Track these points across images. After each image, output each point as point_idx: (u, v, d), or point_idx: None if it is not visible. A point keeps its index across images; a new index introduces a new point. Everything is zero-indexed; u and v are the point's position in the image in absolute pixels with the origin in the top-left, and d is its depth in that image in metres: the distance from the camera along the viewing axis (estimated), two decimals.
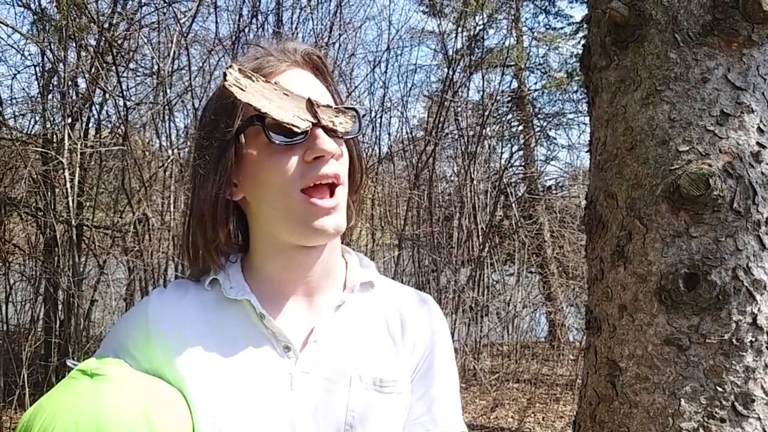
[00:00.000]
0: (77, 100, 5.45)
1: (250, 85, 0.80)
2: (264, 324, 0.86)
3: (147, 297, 0.91)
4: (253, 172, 0.85)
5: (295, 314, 0.90)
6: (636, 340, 1.04)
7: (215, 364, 0.84)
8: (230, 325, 0.87)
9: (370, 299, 0.94)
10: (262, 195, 0.85)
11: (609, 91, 1.18)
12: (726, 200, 1.01)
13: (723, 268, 0.99)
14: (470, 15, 8.16)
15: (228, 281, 0.88)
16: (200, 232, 0.88)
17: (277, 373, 0.85)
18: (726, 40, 1.07)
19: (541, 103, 10.57)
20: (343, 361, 0.87)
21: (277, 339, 0.86)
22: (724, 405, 0.96)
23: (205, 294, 0.89)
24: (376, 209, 7.97)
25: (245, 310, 0.87)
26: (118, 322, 0.92)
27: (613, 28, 1.16)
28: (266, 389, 0.83)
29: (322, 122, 0.83)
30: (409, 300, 0.97)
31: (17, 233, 6.22)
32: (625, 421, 1.03)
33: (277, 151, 0.83)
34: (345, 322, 0.91)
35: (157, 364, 0.84)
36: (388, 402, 0.88)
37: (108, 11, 5.45)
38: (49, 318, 5.46)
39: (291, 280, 0.90)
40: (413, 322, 0.95)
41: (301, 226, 0.84)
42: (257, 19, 6.22)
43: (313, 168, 0.83)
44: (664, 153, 1.07)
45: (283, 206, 0.84)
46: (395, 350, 0.92)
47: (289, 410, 0.83)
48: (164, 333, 0.85)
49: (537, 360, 7.97)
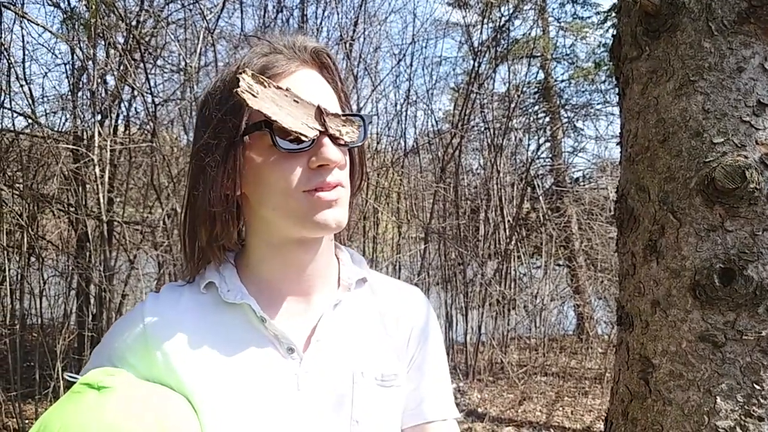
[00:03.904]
0: (106, 98, 5.53)
1: (262, 91, 0.80)
2: (266, 327, 0.86)
3: (141, 303, 0.90)
4: (255, 172, 0.85)
5: (295, 315, 0.90)
6: (669, 337, 1.02)
7: (220, 369, 0.84)
8: (231, 328, 0.87)
9: (365, 295, 0.96)
10: (264, 195, 0.85)
11: (640, 82, 1.16)
12: (763, 193, 0.98)
13: (760, 263, 0.97)
14: (496, 6, 8.08)
15: (224, 284, 0.88)
16: (205, 228, 0.87)
17: (282, 374, 0.86)
18: (763, 28, 1.03)
19: (569, 94, 10.45)
20: (346, 358, 0.90)
21: (279, 341, 0.87)
22: (762, 403, 0.94)
23: (202, 297, 0.89)
24: (402, 203, 7.95)
25: (245, 313, 0.87)
26: (112, 330, 0.90)
27: (644, 18, 1.13)
28: (273, 391, 0.84)
29: (330, 131, 0.84)
30: (399, 294, 1.00)
31: (50, 229, 6.34)
32: (659, 418, 1.01)
33: (282, 156, 0.83)
34: (344, 320, 0.92)
35: (157, 371, 0.83)
36: (390, 395, 0.92)
37: (136, 9, 5.50)
38: (81, 312, 5.55)
39: (288, 279, 0.91)
40: (406, 315, 0.98)
41: (303, 220, 0.84)
42: (282, 14, 6.24)
43: (317, 175, 0.84)
44: (698, 145, 1.04)
45: (285, 206, 0.84)
46: (392, 344, 0.95)
47: (298, 410, 0.85)
48: (164, 339, 0.85)
49: (565, 353, 7.91)
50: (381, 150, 8.02)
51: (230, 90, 0.82)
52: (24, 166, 5.30)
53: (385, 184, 7.46)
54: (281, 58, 0.86)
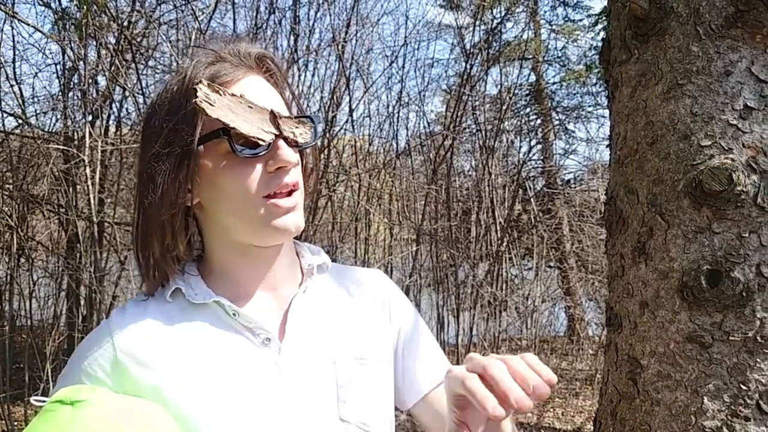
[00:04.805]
0: (98, 98, 5.51)
1: (218, 100, 0.81)
2: (239, 321, 0.87)
3: (106, 320, 0.89)
4: (212, 180, 0.85)
5: (265, 307, 0.92)
6: (658, 338, 1.03)
7: (198, 370, 0.84)
8: (202, 329, 0.87)
9: (329, 280, 0.99)
10: (221, 202, 0.86)
11: (629, 86, 1.17)
12: (749, 195, 0.99)
13: (747, 265, 0.98)
14: (488, 8, 8.10)
15: (191, 289, 0.88)
16: (158, 240, 0.87)
17: (262, 364, 0.87)
18: (750, 32, 1.05)
19: (560, 96, 10.49)
20: (323, 341, 0.92)
21: (254, 333, 0.88)
22: (749, 403, 0.95)
23: (168, 305, 0.89)
24: (394, 204, 7.95)
25: (215, 312, 0.88)
26: (78, 350, 0.88)
27: (634, 22, 1.14)
28: (256, 382, 0.85)
29: (284, 133, 0.86)
30: (364, 275, 1.05)
31: (40, 230, 6.31)
32: (647, 418, 1.02)
33: (240, 162, 0.84)
34: (314, 304, 0.94)
35: (130, 385, 0.83)
36: (370, 372, 0.94)
37: (127, 9, 5.49)
38: (71, 313, 5.53)
39: (257, 277, 0.92)
40: (379, 293, 1.02)
41: (262, 227, 0.86)
42: (274, 16, 6.23)
43: (275, 178, 0.86)
44: (686, 148, 1.05)
45: (244, 212, 0.85)
46: (369, 323, 0.98)
47: (283, 397, 0.86)
48: (135, 351, 0.84)
49: (556, 355, 7.93)
50: (373, 152, 8.03)
51: (181, 99, 0.83)
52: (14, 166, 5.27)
53: (376, 185, 7.46)
54: (227, 66, 0.87)
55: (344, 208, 7.22)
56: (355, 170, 7.05)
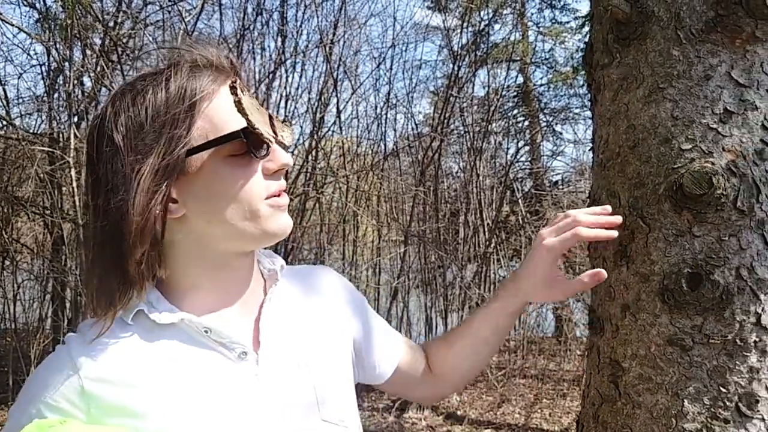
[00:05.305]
0: (83, 100, 5.47)
1: (245, 100, 0.80)
2: (211, 338, 0.84)
3: (62, 346, 0.84)
4: (208, 187, 0.82)
5: (234, 318, 0.90)
6: (639, 341, 1.03)
7: (177, 394, 0.81)
8: (173, 350, 0.83)
9: (286, 283, 0.99)
10: (217, 210, 0.82)
11: (611, 89, 1.17)
12: (729, 199, 1.00)
13: (726, 268, 0.98)
14: (475, 10, 8.13)
15: (153, 308, 0.83)
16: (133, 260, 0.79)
17: (241, 378, 0.85)
18: (729, 37, 1.05)
19: (548, 98, 10.52)
20: (295, 346, 0.93)
21: (228, 348, 0.85)
22: (728, 406, 0.95)
23: (131, 328, 0.83)
24: (382, 205, 7.95)
25: (184, 331, 0.84)
26: (34, 381, 0.81)
27: (615, 26, 1.15)
28: (237, 397, 0.84)
29: (278, 136, 0.86)
30: (315, 273, 1.08)
31: (25, 232, 6.25)
32: (628, 421, 1.02)
33: (241, 166, 0.82)
34: (281, 310, 0.95)
35: (102, 413, 0.78)
36: (338, 370, 0.99)
37: (113, 10, 5.46)
38: (57, 316, 5.49)
39: (228, 290, 0.90)
40: (334, 291, 1.06)
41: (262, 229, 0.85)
42: (262, 17, 6.22)
43: (274, 179, 0.86)
44: (667, 151, 1.06)
45: (242, 218, 0.83)
46: (330, 321, 1.02)
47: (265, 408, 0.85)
48: (106, 378, 0.79)
49: (544, 356, 7.96)
50: (361, 153, 8.03)
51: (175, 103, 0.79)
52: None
53: (365, 187, 7.45)
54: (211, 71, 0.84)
55: (332, 209, 7.22)
56: (343, 172, 7.05)
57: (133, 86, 0.83)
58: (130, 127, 0.80)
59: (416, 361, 1.17)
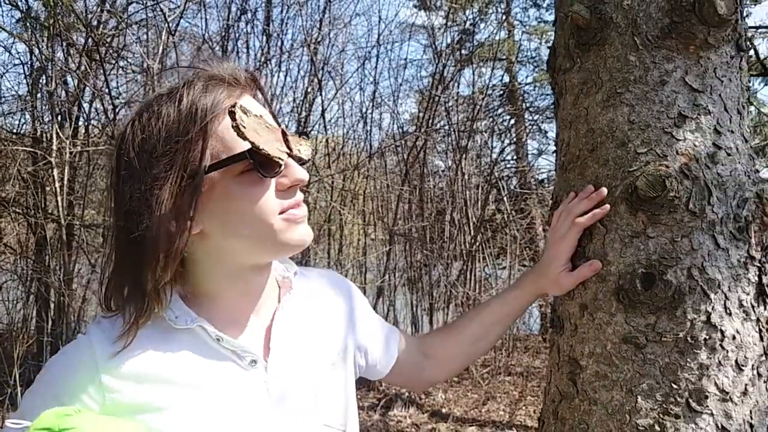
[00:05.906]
0: (66, 99, 5.45)
1: (248, 122, 0.81)
2: (223, 346, 0.87)
3: (83, 336, 0.86)
4: (223, 204, 0.84)
5: (248, 326, 0.93)
6: (596, 339, 1.06)
7: (187, 398, 0.83)
8: (187, 354, 0.86)
9: (300, 290, 1.02)
10: (233, 225, 0.84)
11: (572, 93, 1.20)
12: (682, 201, 1.03)
13: (678, 268, 1.01)
14: (461, 9, 8.16)
15: (171, 311, 0.86)
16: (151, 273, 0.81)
17: (250, 386, 0.88)
18: (684, 43, 1.08)
19: (533, 96, 10.55)
20: (303, 352, 0.96)
21: (239, 356, 0.88)
22: (679, 401, 0.98)
23: (147, 327, 0.85)
24: (368, 204, 7.97)
25: (198, 336, 0.87)
26: (54, 366, 0.84)
27: (576, 31, 1.17)
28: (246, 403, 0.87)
29: (293, 151, 0.87)
30: (324, 277, 1.12)
31: (8, 233, 6.22)
32: (585, 418, 1.05)
33: (253, 183, 0.84)
34: (292, 316, 0.98)
35: (113, 408, 0.80)
36: (341, 375, 1.02)
37: (96, 9, 5.43)
38: (40, 317, 5.46)
39: (245, 300, 0.93)
40: (343, 294, 1.11)
41: (281, 241, 0.86)
42: (246, 16, 6.22)
43: (288, 194, 0.87)
44: (624, 155, 1.09)
45: (258, 233, 0.85)
46: (336, 325, 1.05)
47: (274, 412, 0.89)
48: (120, 373, 0.82)
49: (529, 353, 8.01)
50: (346, 152, 8.03)
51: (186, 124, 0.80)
52: None
53: (350, 186, 7.47)
54: (224, 88, 0.85)
55: (318, 209, 7.22)
56: (328, 171, 7.06)
57: (149, 106, 0.85)
58: (146, 149, 0.81)
59: (412, 352, 1.23)
